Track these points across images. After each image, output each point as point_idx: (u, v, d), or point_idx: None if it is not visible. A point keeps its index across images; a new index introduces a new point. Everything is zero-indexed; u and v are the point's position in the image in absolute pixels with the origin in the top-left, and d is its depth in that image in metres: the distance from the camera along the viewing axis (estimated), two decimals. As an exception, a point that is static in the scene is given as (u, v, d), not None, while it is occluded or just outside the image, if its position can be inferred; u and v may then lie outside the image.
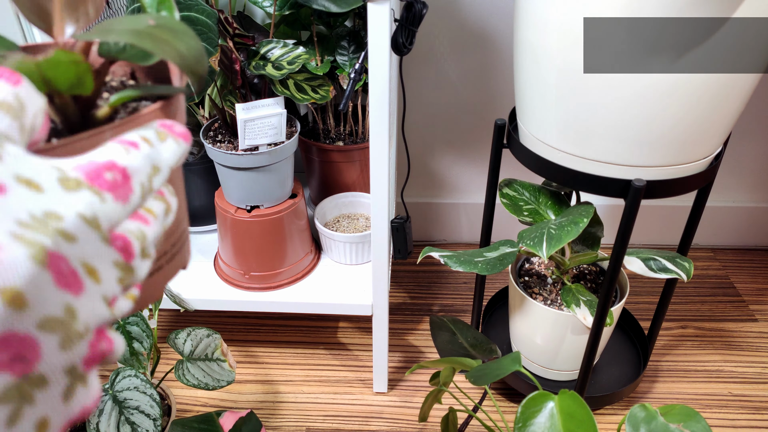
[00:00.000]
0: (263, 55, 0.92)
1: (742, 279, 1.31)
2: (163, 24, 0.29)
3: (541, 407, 0.62)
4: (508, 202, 0.91)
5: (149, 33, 0.27)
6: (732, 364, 1.12)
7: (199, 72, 0.28)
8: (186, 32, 0.29)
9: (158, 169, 0.25)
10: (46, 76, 0.27)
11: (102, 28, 0.27)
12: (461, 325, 0.92)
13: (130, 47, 0.30)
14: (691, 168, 0.74)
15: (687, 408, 0.61)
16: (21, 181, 0.20)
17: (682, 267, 0.84)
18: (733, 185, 1.32)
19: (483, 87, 1.20)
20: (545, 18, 0.68)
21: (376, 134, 0.79)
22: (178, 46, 0.28)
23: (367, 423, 1.02)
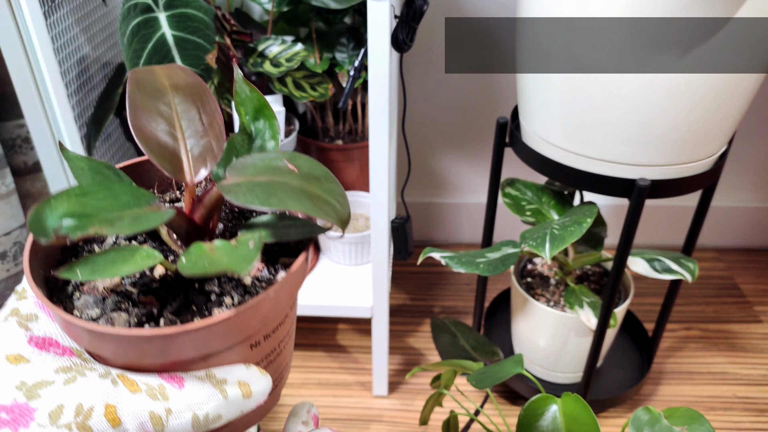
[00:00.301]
0: (261, 53, 0.90)
1: (747, 280, 1.30)
2: (304, 170, 0.28)
3: (544, 410, 0.61)
4: (511, 201, 0.90)
5: (302, 190, 0.27)
6: (737, 366, 1.10)
7: (347, 221, 0.27)
8: (327, 176, 0.28)
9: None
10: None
11: (253, 189, 0.26)
12: (463, 327, 0.90)
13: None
14: (696, 167, 0.73)
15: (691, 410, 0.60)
16: None
17: (687, 268, 0.83)
18: (738, 185, 1.31)
19: (485, 85, 1.19)
20: (548, 16, 0.67)
21: (376, 133, 0.78)
22: (331, 200, 0.27)
23: (367, 427, 1.00)
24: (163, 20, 0.79)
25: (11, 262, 0.91)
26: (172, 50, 0.79)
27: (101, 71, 1.07)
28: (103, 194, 0.26)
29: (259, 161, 0.28)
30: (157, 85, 0.30)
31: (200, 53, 0.80)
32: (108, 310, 0.29)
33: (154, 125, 0.29)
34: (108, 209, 0.25)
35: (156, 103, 0.30)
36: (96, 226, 0.24)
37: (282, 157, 0.28)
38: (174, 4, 0.79)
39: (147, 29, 0.78)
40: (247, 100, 0.33)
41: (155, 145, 0.28)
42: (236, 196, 0.25)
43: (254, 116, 0.33)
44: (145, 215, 0.25)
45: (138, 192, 0.27)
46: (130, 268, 0.26)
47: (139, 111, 0.29)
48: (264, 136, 0.33)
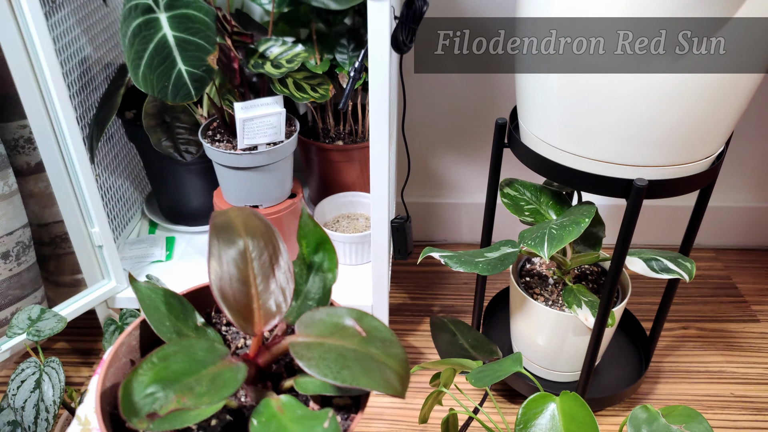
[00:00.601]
0: (262, 54, 0.91)
1: (744, 279, 1.31)
2: (370, 332, 0.29)
3: (543, 409, 0.61)
4: (509, 201, 0.90)
5: (371, 358, 0.28)
6: (734, 364, 1.11)
7: (407, 387, 0.28)
8: (392, 340, 0.30)
9: None
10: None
11: (325, 357, 0.27)
12: (462, 326, 0.91)
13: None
14: (693, 168, 0.73)
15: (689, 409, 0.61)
16: None
17: (684, 267, 0.83)
18: (735, 185, 1.31)
19: (484, 86, 1.19)
20: (547, 16, 0.68)
21: (376, 133, 0.78)
22: (397, 367, 0.28)
23: (367, 425, 1.01)
24: (164, 21, 0.79)
25: (14, 262, 0.91)
26: (173, 51, 0.79)
27: (103, 72, 1.07)
28: (181, 355, 0.28)
29: (326, 317, 0.30)
30: (233, 235, 0.32)
31: (201, 54, 0.80)
32: None
33: (228, 275, 0.30)
34: (188, 371, 0.27)
35: (233, 253, 0.31)
36: (178, 395, 0.26)
37: (349, 315, 0.30)
38: (175, 5, 0.79)
39: (148, 30, 0.79)
40: (309, 234, 0.35)
41: (230, 298, 0.30)
42: (309, 364, 0.27)
43: (315, 249, 0.35)
44: (221, 375, 0.27)
45: (210, 346, 0.29)
46: (199, 417, 0.27)
47: (215, 259, 0.31)
48: (323, 267, 0.35)
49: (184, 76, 0.80)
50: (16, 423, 0.80)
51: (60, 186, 0.90)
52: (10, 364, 1.04)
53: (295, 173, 1.08)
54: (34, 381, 0.81)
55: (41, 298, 0.99)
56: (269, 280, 0.31)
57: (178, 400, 0.25)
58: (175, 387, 0.26)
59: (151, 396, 0.26)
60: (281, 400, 0.28)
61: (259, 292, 0.31)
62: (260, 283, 0.31)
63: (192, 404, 0.25)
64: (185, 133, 1.04)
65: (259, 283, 0.31)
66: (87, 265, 0.98)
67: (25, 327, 0.84)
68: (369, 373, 0.27)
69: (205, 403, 0.26)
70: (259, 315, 0.30)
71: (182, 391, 0.26)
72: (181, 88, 0.80)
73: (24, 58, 0.80)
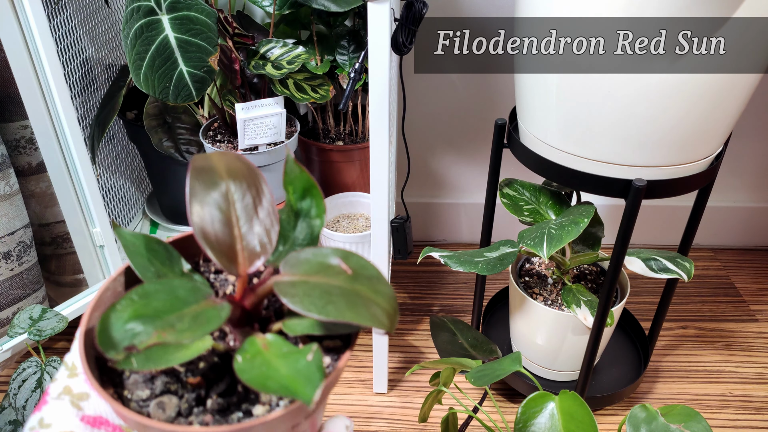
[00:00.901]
0: (263, 55, 0.91)
1: (742, 279, 1.31)
2: (356, 270, 0.29)
3: (542, 408, 0.62)
4: (509, 202, 0.91)
5: (356, 294, 0.28)
6: (732, 364, 1.11)
7: (395, 324, 0.28)
8: (379, 277, 0.29)
9: None
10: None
11: (310, 294, 0.27)
12: (461, 326, 0.91)
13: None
14: (692, 168, 0.74)
15: (687, 408, 0.61)
16: None
17: (683, 267, 0.83)
18: (733, 185, 1.32)
19: (483, 86, 1.19)
20: (547, 16, 0.68)
21: (376, 134, 0.78)
22: (383, 303, 0.28)
23: (367, 424, 1.01)
24: (166, 23, 0.79)
25: (15, 262, 0.92)
26: (175, 52, 0.80)
27: (105, 73, 1.07)
28: (162, 293, 0.28)
29: (312, 257, 0.29)
30: (215, 176, 0.31)
31: (203, 55, 0.80)
32: (157, 391, 0.30)
33: (210, 217, 0.30)
34: (168, 309, 0.27)
35: (213, 193, 0.31)
36: (159, 331, 0.26)
37: (335, 254, 0.29)
38: (177, 6, 0.80)
39: (150, 32, 0.79)
40: (296, 179, 0.35)
41: (212, 239, 0.30)
42: (293, 300, 0.27)
43: (302, 195, 0.34)
44: (204, 314, 0.27)
45: (193, 285, 0.29)
46: (183, 357, 0.27)
47: (196, 201, 0.30)
48: (310, 214, 0.34)
49: (185, 77, 0.80)
50: (18, 422, 0.81)
51: (61, 186, 0.90)
52: (12, 363, 1.04)
53: (295, 173, 1.08)
54: (36, 380, 0.81)
55: (42, 297, 0.99)
56: (253, 221, 0.31)
57: (159, 335, 0.25)
58: (155, 323, 0.26)
59: (131, 331, 0.25)
60: (267, 338, 0.28)
61: (243, 233, 0.30)
62: (243, 225, 0.31)
63: (173, 339, 0.25)
64: (186, 133, 1.04)
65: (243, 224, 0.30)
66: (88, 265, 0.98)
67: (27, 326, 0.84)
68: (354, 308, 0.27)
69: (186, 338, 0.25)
70: (243, 255, 0.30)
71: (163, 327, 0.26)
72: (183, 89, 0.81)
73: (26, 59, 0.80)
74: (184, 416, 0.29)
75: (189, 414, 0.29)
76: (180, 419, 0.29)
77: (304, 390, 0.25)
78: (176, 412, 0.29)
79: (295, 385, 0.25)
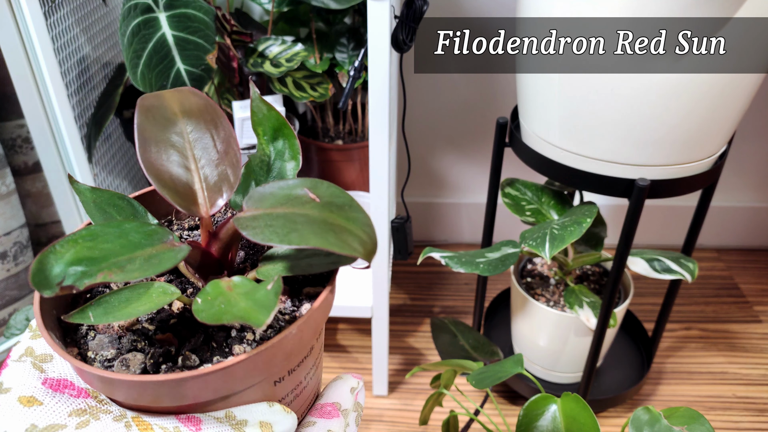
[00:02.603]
0: (261, 53, 0.91)
1: (746, 280, 1.30)
2: (326, 199, 0.26)
3: (544, 410, 0.61)
4: (510, 201, 0.90)
5: (324, 222, 0.25)
6: (736, 365, 1.10)
7: (373, 252, 0.25)
8: (351, 204, 0.26)
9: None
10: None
11: (271, 224, 0.25)
12: (462, 327, 0.90)
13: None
14: (696, 167, 0.73)
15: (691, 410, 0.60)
16: None
17: (687, 268, 0.83)
18: (737, 185, 1.31)
19: (485, 85, 1.19)
20: (547, 16, 0.67)
21: (376, 133, 0.78)
22: (357, 230, 0.25)
23: (367, 426, 1.01)
24: (164, 20, 0.79)
25: (11, 262, 0.91)
26: (172, 50, 0.79)
27: (101, 71, 1.07)
28: (112, 235, 0.25)
29: (278, 190, 0.27)
30: (168, 113, 0.29)
31: (200, 53, 0.80)
32: (124, 350, 0.28)
33: (165, 157, 0.28)
34: (118, 252, 0.24)
35: (166, 133, 0.28)
36: (105, 272, 0.23)
37: (302, 185, 0.27)
38: (174, 4, 0.79)
39: (147, 29, 0.78)
40: (264, 120, 0.32)
41: (167, 179, 0.27)
42: (253, 232, 0.24)
43: (273, 136, 0.32)
44: (158, 255, 0.24)
45: (150, 229, 0.26)
46: (145, 308, 0.25)
47: (148, 143, 0.27)
48: (284, 157, 0.32)
49: (182, 75, 0.79)
50: (14, 424, 0.80)
51: (58, 186, 0.89)
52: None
53: (294, 173, 1.07)
54: (32, 382, 0.80)
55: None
56: (212, 159, 0.28)
57: (105, 275, 0.22)
58: (101, 265, 0.23)
59: (71, 272, 0.22)
60: (233, 280, 0.26)
61: (201, 172, 0.28)
62: (202, 163, 0.28)
63: (119, 279, 0.23)
64: (184, 132, 1.03)
65: (201, 163, 0.28)
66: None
67: (23, 327, 0.84)
68: (322, 234, 0.24)
69: (134, 277, 0.23)
70: (203, 195, 0.28)
71: (109, 268, 0.23)
72: (180, 88, 0.80)
73: (22, 57, 0.79)
74: (150, 373, 0.26)
75: (156, 371, 0.27)
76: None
77: (257, 315, 0.23)
78: (141, 369, 0.26)
79: (249, 312, 0.23)
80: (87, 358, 0.27)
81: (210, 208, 0.28)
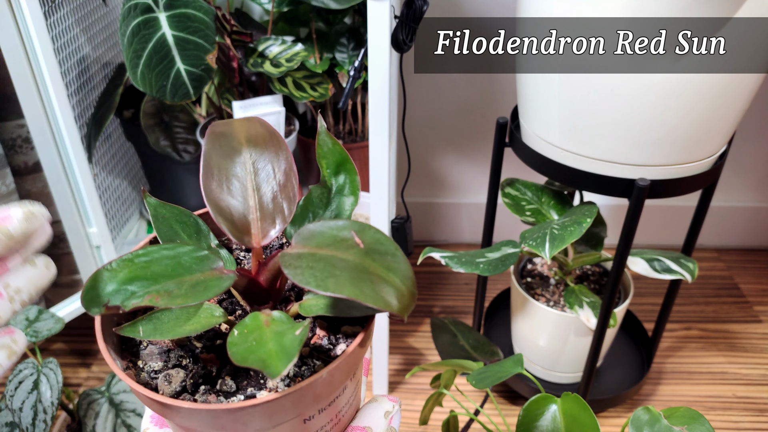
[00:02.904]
0: (261, 53, 0.90)
1: (746, 280, 1.30)
2: (370, 244, 0.26)
3: (544, 410, 0.61)
4: (511, 201, 0.90)
5: (364, 269, 0.25)
6: (736, 365, 1.10)
7: (409, 306, 0.25)
8: (395, 253, 0.26)
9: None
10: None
11: (313, 266, 0.25)
12: (462, 327, 0.90)
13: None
14: (696, 167, 0.73)
15: (691, 410, 0.60)
16: None
17: (687, 268, 0.83)
18: (737, 185, 1.31)
19: (485, 85, 1.19)
20: (547, 16, 0.67)
21: (376, 133, 0.78)
22: (396, 280, 0.25)
23: (367, 426, 1.00)
24: (164, 20, 0.79)
25: (11, 262, 0.91)
26: (172, 50, 0.79)
27: (101, 71, 1.07)
28: (166, 258, 0.26)
29: (326, 230, 0.27)
30: (234, 143, 0.29)
31: (200, 53, 0.80)
32: (170, 365, 0.29)
33: (225, 187, 0.28)
34: (169, 275, 0.25)
35: (230, 162, 0.29)
36: (153, 295, 0.24)
37: (350, 228, 0.27)
38: (174, 4, 0.79)
39: (147, 29, 0.78)
40: (329, 153, 0.33)
41: (224, 208, 0.28)
42: (294, 272, 0.24)
43: (335, 170, 0.33)
44: (204, 283, 0.25)
45: (202, 255, 0.27)
46: (191, 328, 0.26)
47: (212, 171, 0.28)
48: (344, 191, 0.32)
49: (182, 75, 0.79)
50: (14, 424, 0.80)
51: (57, 186, 0.89)
52: (9, 365, 1.03)
53: (294, 173, 1.07)
54: (32, 382, 0.80)
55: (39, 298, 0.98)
56: (271, 194, 0.29)
57: (152, 298, 0.23)
58: (150, 287, 0.24)
59: (122, 291, 0.24)
60: (273, 315, 0.26)
61: (259, 205, 0.29)
62: (261, 196, 0.29)
63: (163, 304, 0.23)
64: (183, 132, 1.03)
65: (260, 196, 0.29)
66: (85, 266, 0.97)
67: (23, 328, 0.84)
68: (358, 283, 0.24)
69: (177, 304, 0.24)
70: (257, 226, 0.28)
71: (158, 291, 0.24)
72: (180, 88, 0.80)
73: (22, 57, 0.79)
74: (189, 392, 0.28)
75: (195, 391, 0.28)
76: (185, 395, 0.27)
77: (276, 363, 0.23)
78: (182, 387, 0.27)
79: (270, 358, 0.23)
80: (137, 366, 0.29)
81: (262, 239, 0.29)
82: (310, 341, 0.30)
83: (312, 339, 0.30)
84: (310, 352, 0.29)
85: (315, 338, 0.30)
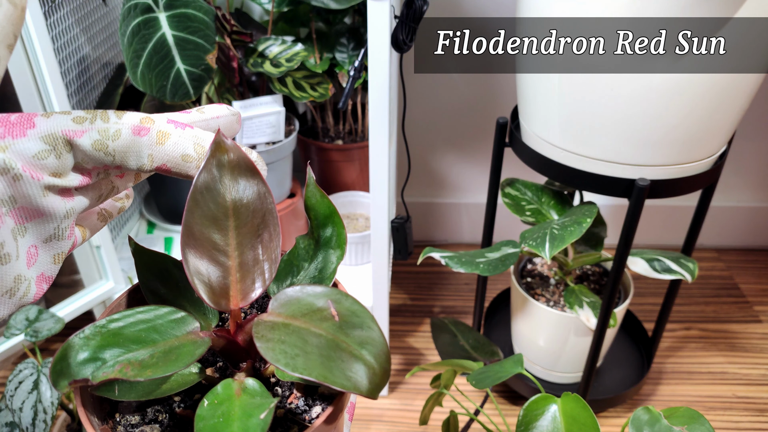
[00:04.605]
0: (261, 53, 0.90)
1: (746, 280, 1.30)
2: (344, 317, 0.26)
3: (544, 410, 0.61)
4: (511, 201, 0.90)
5: (337, 346, 0.25)
6: (736, 365, 1.10)
7: (380, 385, 0.25)
8: (368, 325, 0.26)
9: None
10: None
11: (284, 341, 0.25)
12: (462, 327, 0.90)
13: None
14: (696, 167, 0.73)
15: (691, 410, 0.60)
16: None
17: (687, 268, 0.83)
18: (737, 185, 1.31)
19: (485, 85, 1.19)
20: (547, 16, 0.67)
21: (376, 133, 0.78)
22: (367, 357, 0.25)
23: (367, 426, 1.00)
24: (164, 20, 0.79)
25: (11, 262, 0.91)
26: (172, 50, 0.79)
27: (101, 71, 1.07)
28: (141, 323, 0.26)
29: (303, 296, 0.27)
30: (219, 208, 0.28)
31: (200, 53, 0.80)
32: (146, 419, 0.29)
33: (205, 253, 0.28)
34: (143, 340, 0.25)
35: (211, 230, 0.28)
36: (123, 365, 0.23)
37: (327, 296, 0.27)
38: (174, 4, 0.79)
39: (147, 29, 0.78)
40: (317, 205, 0.32)
41: (203, 273, 0.27)
42: (266, 346, 0.24)
43: (323, 222, 0.32)
44: (177, 350, 0.25)
45: (180, 316, 0.27)
46: (168, 388, 0.26)
47: (192, 237, 0.27)
48: (330, 243, 0.32)
49: (182, 75, 0.79)
50: (14, 424, 0.80)
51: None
52: (8, 365, 1.03)
53: (294, 173, 1.07)
54: (32, 382, 0.80)
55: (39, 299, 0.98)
56: (252, 257, 0.28)
57: (121, 370, 0.23)
58: (120, 357, 0.24)
59: (90, 363, 0.23)
60: (245, 383, 0.26)
61: (239, 270, 0.28)
62: (242, 262, 0.28)
63: (133, 375, 0.23)
64: (184, 132, 1.03)
65: (241, 261, 0.28)
66: (85, 266, 0.97)
67: (23, 328, 0.84)
68: (328, 363, 0.24)
69: (147, 375, 0.23)
70: (236, 289, 0.28)
71: (128, 361, 0.24)
72: (180, 88, 0.80)
73: (22, 57, 0.79)
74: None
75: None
76: None
77: None
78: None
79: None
80: (114, 419, 0.29)
81: (240, 302, 0.28)
82: (286, 401, 0.30)
83: (289, 398, 0.30)
84: (284, 413, 0.29)
85: (292, 397, 0.30)
